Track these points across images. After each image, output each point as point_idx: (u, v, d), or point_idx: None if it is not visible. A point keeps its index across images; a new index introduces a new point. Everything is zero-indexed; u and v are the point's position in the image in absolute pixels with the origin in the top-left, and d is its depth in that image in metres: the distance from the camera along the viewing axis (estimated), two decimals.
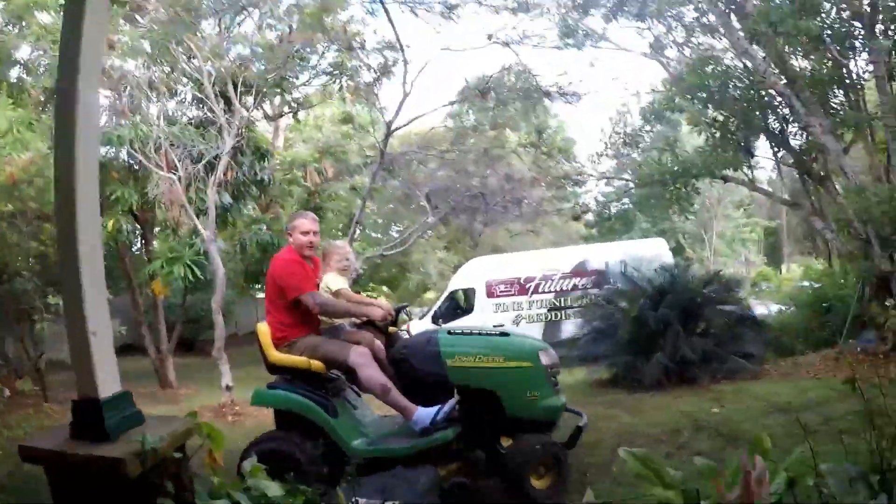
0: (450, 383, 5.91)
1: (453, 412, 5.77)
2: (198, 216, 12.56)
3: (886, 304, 11.21)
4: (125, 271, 15.76)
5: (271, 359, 5.95)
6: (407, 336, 6.50)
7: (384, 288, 33.98)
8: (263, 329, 5.98)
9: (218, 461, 2.82)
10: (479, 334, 6.46)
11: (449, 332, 6.31)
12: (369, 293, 35.16)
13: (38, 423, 10.48)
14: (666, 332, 11.15)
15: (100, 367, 2.74)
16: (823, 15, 11.41)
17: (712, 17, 14.14)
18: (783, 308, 17.50)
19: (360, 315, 6.26)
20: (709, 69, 13.81)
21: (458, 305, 18.27)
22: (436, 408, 5.66)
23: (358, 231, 15.50)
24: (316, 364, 5.77)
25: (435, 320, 17.87)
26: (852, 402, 3.41)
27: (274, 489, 2.65)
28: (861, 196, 11.13)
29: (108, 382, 2.77)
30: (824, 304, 14.43)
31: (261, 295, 27.42)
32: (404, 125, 13.35)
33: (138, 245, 17.20)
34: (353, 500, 4.09)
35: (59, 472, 2.72)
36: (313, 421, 5.66)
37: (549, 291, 17.78)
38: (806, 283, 18.33)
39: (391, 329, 6.35)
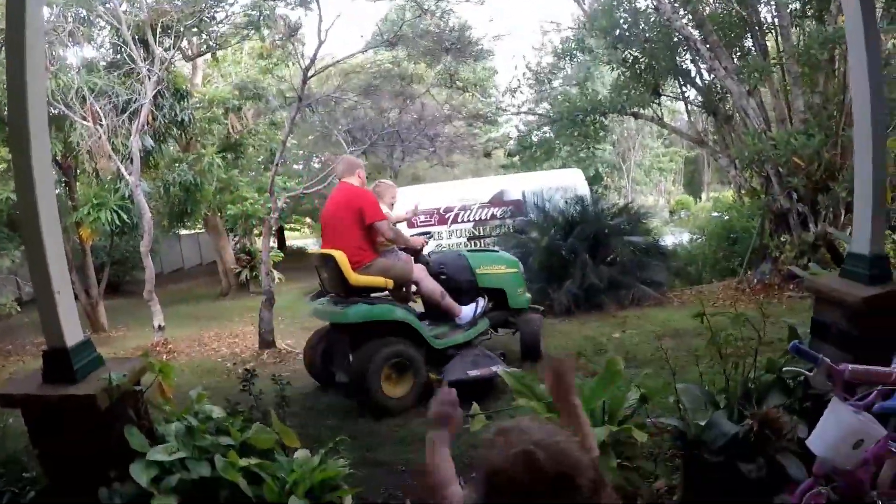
0: (477, 286, 7.75)
1: (486, 307, 7.66)
2: (121, 161, 12.70)
3: (783, 238, 12.04)
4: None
5: (353, 281, 6.81)
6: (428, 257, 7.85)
7: (307, 219, 34.14)
8: (340, 255, 6.76)
9: (168, 393, 3.39)
10: (486, 251, 9.66)
11: (469, 251, 8.98)
12: (292, 226, 35.43)
13: None
14: (575, 262, 11.73)
15: (65, 320, 3.25)
16: None
17: None
18: (694, 237, 18.31)
19: (409, 244, 7.52)
20: (620, 10, 14.41)
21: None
22: (472, 306, 7.53)
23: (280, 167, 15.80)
24: (389, 282, 6.99)
25: None
26: (740, 329, 4.08)
27: (217, 412, 3.24)
28: (759, 138, 11.77)
29: (72, 333, 3.29)
30: (731, 236, 15.22)
31: (185, 232, 27.54)
32: (320, 71, 13.60)
33: (60, 192, 17.17)
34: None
35: (35, 413, 3.23)
36: (410, 325, 6.96)
37: (468, 221, 18.18)
38: (716, 214, 19.19)
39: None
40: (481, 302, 7.67)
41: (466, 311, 7.49)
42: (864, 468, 3.09)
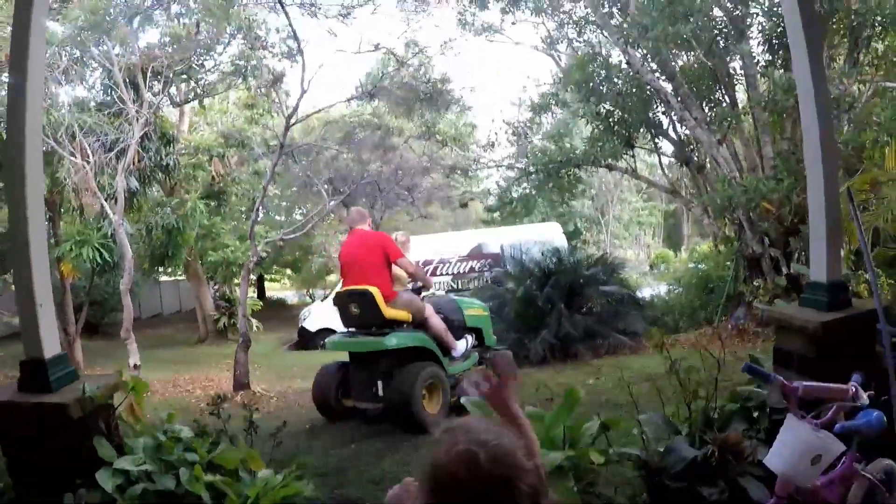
0: (465, 325, 8.57)
1: (473, 343, 8.63)
2: (106, 200, 12.80)
3: (756, 283, 12.23)
4: None
5: (387, 314, 7.57)
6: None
7: (287, 271, 34.12)
8: (376, 290, 7.48)
9: (138, 412, 3.46)
10: (468, 298, 10.33)
11: (457, 295, 10.47)
12: (273, 276, 35.40)
13: None
14: (551, 311, 11.84)
15: (44, 332, 3.36)
16: (692, 20, 12.17)
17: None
18: (672, 289, 18.51)
19: (426, 281, 8.86)
20: (594, 65, 14.80)
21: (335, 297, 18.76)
22: (463, 341, 8.38)
23: (261, 214, 15.89)
24: (409, 315, 7.74)
25: (336, 302, 18.43)
26: (705, 366, 4.19)
27: (186, 432, 3.32)
28: (729, 185, 12.03)
29: (50, 345, 3.39)
30: (708, 285, 15.39)
31: (165, 279, 27.51)
32: (303, 119, 13.87)
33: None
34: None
35: (9, 419, 3.31)
36: (431, 352, 7.86)
37: (447, 274, 18.37)
38: (692, 266, 19.44)
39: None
40: (469, 339, 8.58)
41: (460, 345, 8.28)
42: (830, 489, 3.15)
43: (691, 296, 16.13)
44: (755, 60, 13.03)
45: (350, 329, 8.22)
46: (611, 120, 15.37)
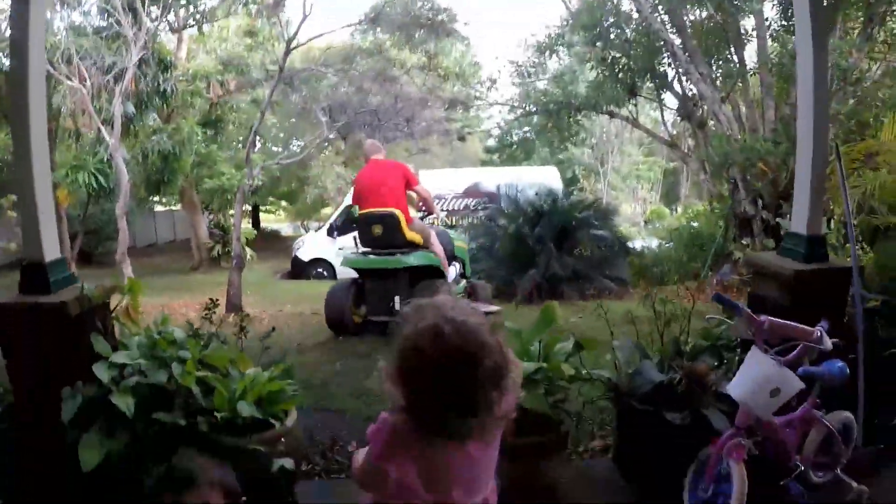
0: (454, 254, 9.56)
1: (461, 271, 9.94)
2: (102, 125, 12.82)
3: (744, 242, 12.37)
4: None
5: (408, 236, 8.49)
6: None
7: (283, 202, 34.16)
8: (400, 214, 8.38)
9: (133, 314, 3.61)
10: (455, 233, 11.19)
11: (450, 229, 11.86)
12: (268, 208, 35.49)
13: None
14: (541, 251, 12.00)
15: (45, 236, 3.47)
16: None
17: None
18: (663, 243, 18.63)
19: (434, 209, 9.64)
20: (603, 10, 14.72)
21: (354, 220, 18.89)
22: (453, 268, 9.40)
23: (258, 144, 15.90)
24: (421, 239, 8.60)
25: (330, 233, 18.53)
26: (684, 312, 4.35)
27: (179, 333, 3.47)
28: (726, 142, 12.10)
29: (50, 249, 3.52)
30: (699, 242, 15.52)
31: (159, 208, 27.61)
32: (304, 43, 13.74)
33: None
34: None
35: (8, 319, 3.45)
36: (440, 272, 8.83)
37: (442, 210, 18.43)
38: (685, 222, 19.52)
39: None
40: (458, 266, 9.74)
41: (451, 271, 9.24)
42: (789, 430, 3.29)
43: (681, 251, 16.26)
44: (767, 23, 12.96)
45: (365, 250, 8.83)
46: (616, 67, 15.34)
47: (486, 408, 1.76)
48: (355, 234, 9.25)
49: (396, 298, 8.33)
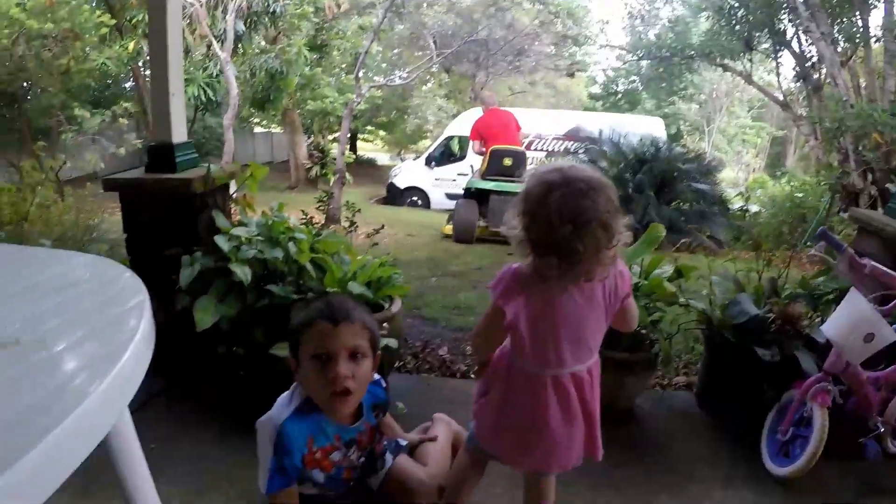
0: None
1: None
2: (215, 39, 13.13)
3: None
4: (140, 93, 16.49)
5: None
6: None
7: (381, 132, 34.37)
8: (525, 151, 11.20)
9: (251, 199, 3.79)
10: None
11: None
12: (366, 136, 35.80)
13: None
14: (640, 198, 11.85)
15: (174, 118, 3.67)
16: None
17: None
18: (763, 210, 18.16)
19: None
20: None
21: (452, 152, 19.00)
22: None
23: (362, 72, 15.99)
24: None
25: (428, 163, 18.68)
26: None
27: (293, 220, 3.63)
28: (843, 107, 11.60)
29: (178, 131, 3.71)
30: (801, 212, 15.06)
31: (258, 130, 28.16)
32: None
33: None
34: None
35: (135, 195, 3.66)
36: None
37: (541, 150, 18.35)
38: (788, 191, 18.91)
39: None
40: None
41: None
42: (874, 389, 3.21)
43: (780, 219, 15.83)
44: None
45: (489, 176, 10.93)
46: (733, 18, 14.85)
47: (595, 244, 1.91)
48: (471, 163, 11.90)
49: None
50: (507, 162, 10.83)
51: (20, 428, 0.93)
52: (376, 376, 2.32)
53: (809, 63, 14.03)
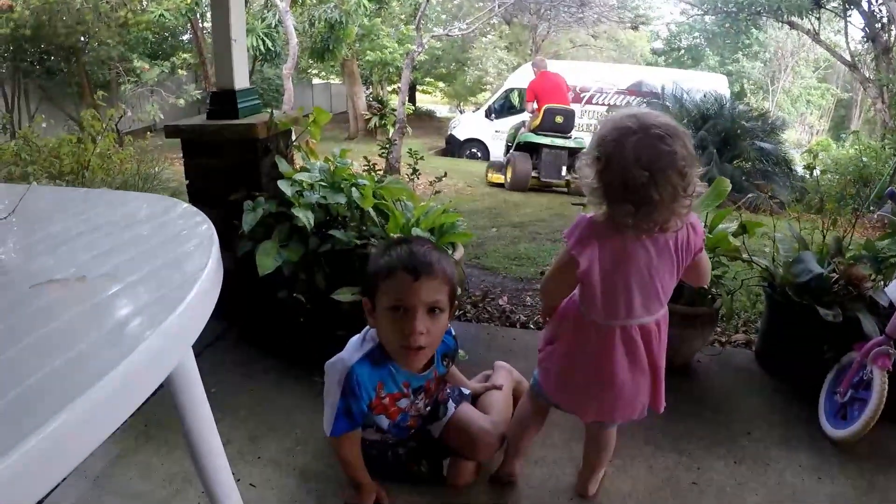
0: None
1: None
2: None
3: None
4: (198, 44, 16.62)
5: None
6: None
7: (440, 84, 34.24)
8: (575, 110, 12.51)
9: (313, 146, 3.78)
10: None
11: None
12: (425, 88, 35.69)
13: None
14: (702, 154, 11.61)
15: (237, 65, 3.67)
16: None
17: None
18: (828, 173, 17.74)
19: None
20: None
21: (512, 104, 18.87)
22: None
23: (422, 23, 15.95)
24: None
25: (488, 115, 18.61)
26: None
27: (356, 166, 3.61)
28: None
29: (241, 78, 3.72)
30: (864, 176, 14.70)
31: (317, 81, 28.21)
32: None
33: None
34: None
35: (197, 141, 3.68)
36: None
37: (603, 104, 18.13)
38: (852, 154, 18.43)
39: None
40: None
41: None
42: None
43: (843, 183, 15.45)
44: None
45: (541, 132, 11.84)
46: None
47: (671, 193, 1.87)
48: (525, 118, 12.63)
49: (564, 168, 11.56)
50: (559, 119, 11.83)
51: (91, 361, 0.94)
52: None
53: (879, 23, 13.56)
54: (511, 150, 12.48)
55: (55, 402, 0.80)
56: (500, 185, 12.22)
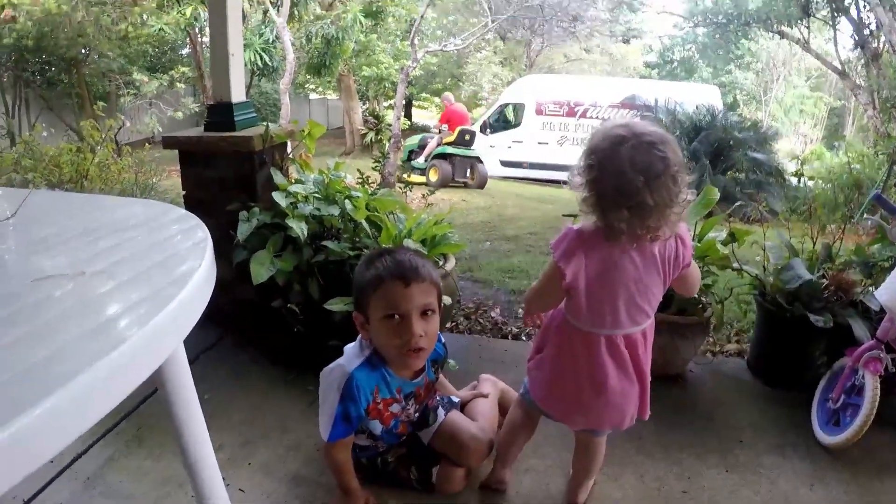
0: None
1: None
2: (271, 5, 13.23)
3: None
4: (196, 58, 16.69)
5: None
6: None
7: (436, 99, 34.32)
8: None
9: (308, 158, 3.82)
10: None
11: None
12: (421, 104, 35.76)
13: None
14: (695, 166, 11.68)
15: (233, 78, 3.71)
16: None
17: None
18: (819, 183, 17.81)
19: None
20: None
21: (507, 119, 18.96)
22: None
23: (417, 38, 16.04)
24: None
25: (483, 130, 18.67)
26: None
27: (350, 179, 3.65)
28: None
29: (237, 91, 3.76)
30: (856, 185, 14.77)
31: (314, 96, 28.32)
32: None
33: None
34: None
35: (194, 152, 3.73)
36: None
37: (596, 118, 18.17)
38: (845, 162, 18.51)
39: None
40: None
41: None
42: None
43: (836, 191, 15.53)
44: None
45: (454, 146, 14.34)
46: None
47: (664, 198, 1.90)
48: (438, 135, 14.19)
49: (468, 169, 15.02)
50: (467, 137, 15.28)
51: (88, 344, 0.97)
52: None
53: (867, 30, 13.67)
54: (430, 159, 15.19)
55: (35, 392, 0.81)
56: (420, 184, 12.43)
